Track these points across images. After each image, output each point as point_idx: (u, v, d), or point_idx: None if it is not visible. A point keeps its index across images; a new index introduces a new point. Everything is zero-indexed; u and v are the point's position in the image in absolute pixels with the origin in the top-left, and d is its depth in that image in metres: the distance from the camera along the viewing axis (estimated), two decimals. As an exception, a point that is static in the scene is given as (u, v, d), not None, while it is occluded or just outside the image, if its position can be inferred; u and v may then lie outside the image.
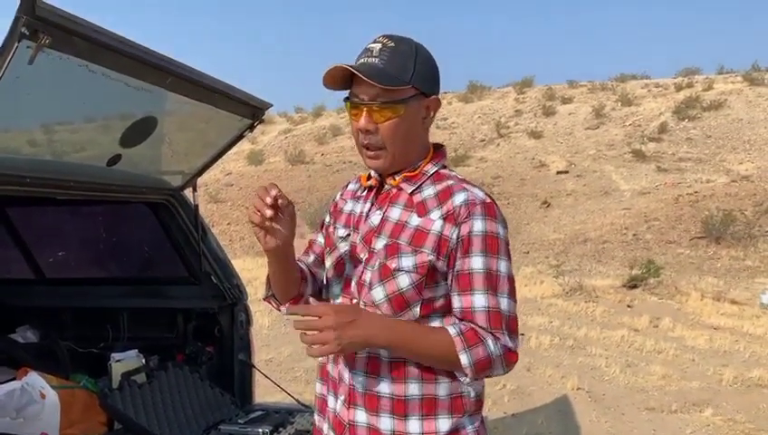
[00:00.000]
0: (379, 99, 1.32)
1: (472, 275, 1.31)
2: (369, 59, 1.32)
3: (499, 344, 1.30)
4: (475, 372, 1.29)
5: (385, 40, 1.35)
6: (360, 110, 1.35)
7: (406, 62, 1.33)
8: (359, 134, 1.38)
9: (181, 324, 3.20)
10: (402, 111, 1.34)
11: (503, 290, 1.33)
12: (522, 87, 45.23)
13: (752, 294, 11.03)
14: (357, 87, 1.34)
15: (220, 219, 25.74)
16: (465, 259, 1.32)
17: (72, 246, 3.58)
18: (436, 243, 1.32)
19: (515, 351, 1.33)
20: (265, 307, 9.14)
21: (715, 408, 5.35)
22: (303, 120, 48.76)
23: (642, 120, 34.38)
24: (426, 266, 1.32)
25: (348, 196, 1.58)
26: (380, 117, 1.34)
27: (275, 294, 1.54)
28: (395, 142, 1.37)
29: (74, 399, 2.56)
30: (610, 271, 13.63)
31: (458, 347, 1.28)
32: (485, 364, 1.29)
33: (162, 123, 2.46)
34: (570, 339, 7.68)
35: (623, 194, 24.74)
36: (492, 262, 1.32)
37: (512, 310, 1.33)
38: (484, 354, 1.28)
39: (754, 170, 25.85)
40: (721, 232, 17.09)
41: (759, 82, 36.99)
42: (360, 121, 1.35)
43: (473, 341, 1.29)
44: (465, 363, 1.28)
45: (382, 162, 1.39)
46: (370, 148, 1.37)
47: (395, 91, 1.32)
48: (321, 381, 1.52)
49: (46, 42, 1.58)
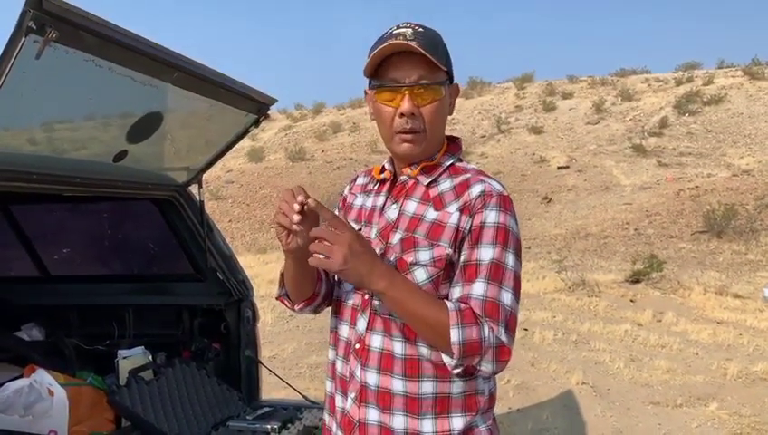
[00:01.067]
0: (422, 81, 1.30)
1: (479, 266, 1.27)
2: (407, 41, 1.27)
3: (493, 335, 1.24)
4: (462, 352, 1.22)
5: (413, 25, 1.32)
6: (399, 93, 1.31)
7: (438, 45, 1.32)
8: (395, 119, 1.33)
9: (187, 321, 3.20)
10: (443, 93, 1.34)
11: (507, 283, 1.28)
12: (522, 82, 45.23)
13: (754, 288, 11.00)
14: (394, 70, 1.31)
15: (221, 217, 25.73)
16: (473, 249, 1.29)
17: (77, 243, 3.57)
18: (453, 235, 1.30)
19: (509, 348, 1.26)
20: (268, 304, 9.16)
21: (720, 402, 5.34)
22: (303, 116, 48.77)
23: (643, 115, 34.33)
24: (443, 260, 1.29)
25: (357, 190, 1.55)
26: (423, 100, 1.31)
27: (290, 293, 1.51)
28: (435, 126, 1.35)
29: (81, 396, 2.55)
30: (612, 266, 13.59)
31: (452, 321, 1.22)
32: (475, 348, 1.22)
33: (168, 119, 2.45)
34: (573, 334, 7.67)
35: (624, 189, 24.70)
36: (500, 253, 1.28)
37: (513, 306, 1.28)
38: (476, 337, 1.22)
39: (755, 164, 25.82)
40: (722, 226, 17.05)
41: (759, 77, 36.91)
42: (404, 105, 1.30)
43: (468, 320, 1.23)
44: (455, 340, 1.21)
45: (417, 147, 1.35)
46: (409, 132, 1.33)
47: (437, 72, 1.31)
48: (330, 379, 1.49)
49: (53, 36, 1.58)
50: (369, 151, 33.35)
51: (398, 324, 1.33)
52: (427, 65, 1.29)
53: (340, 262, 1.19)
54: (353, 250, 1.20)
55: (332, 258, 1.19)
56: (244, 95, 2.56)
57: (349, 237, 1.20)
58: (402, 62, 1.29)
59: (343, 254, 1.19)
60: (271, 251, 18.46)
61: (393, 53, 1.30)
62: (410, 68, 1.29)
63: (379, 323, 1.35)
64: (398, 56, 1.30)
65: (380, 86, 1.33)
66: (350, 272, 1.21)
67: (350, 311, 1.42)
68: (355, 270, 1.21)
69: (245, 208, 27.28)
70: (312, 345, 7.07)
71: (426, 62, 1.28)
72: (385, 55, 1.30)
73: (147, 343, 3.01)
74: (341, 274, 1.23)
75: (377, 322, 1.36)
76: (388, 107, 1.34)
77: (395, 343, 1.33)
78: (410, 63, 1.28)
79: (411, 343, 1.32)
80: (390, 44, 1.28)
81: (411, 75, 1.30)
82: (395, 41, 1.27)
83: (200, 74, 2.24)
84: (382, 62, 1.32)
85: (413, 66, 1.28)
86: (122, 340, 3.19)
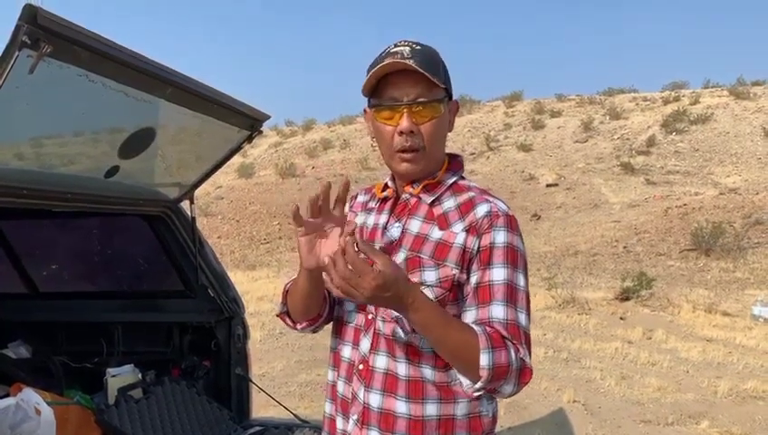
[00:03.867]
0: (420, 98, 1.29)
1: (492, 287, 1.27)
2: (404, 60, 1.27)
3: (518, 356, 1.23)
4: (491, 376, 1.20)
5: (410, 43, 1.32)
6: (398, 112, 1.31)
7: (436, 63, 1.32)
8: (394, 137, 1.32)
9: (177, 338, 3.16)
10: (442, 110, 1.33)
11: (521, 305, 1.28)
12: (511, 101, 45.55)
13: (743, 306, 11.05)
14: (393, 89, 1.30)
15: (210, 233, 25.58)
16: (485, 271, 1.28)
17: (67, 259, 3.53)
18: (460, 256, 1.29)
19: (531, 369, 1.25)
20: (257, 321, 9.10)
21: (711, 420, 5.34)
22: (294, 133, 48.78)
23: (630, 134, 34.62)
24: (450, 281, 1.28)
25: (358, 208, 1.53)
26: (422, 117, 1.31)
27: (293, 311, 1.49)
28: (434, 144, 1.34)
29: (69, 415, 2.51)
30: (602, 283, 13.63)
31: (482, 345, 1.19)
32: (503, 372, 1.21)
33: (160, 134, 2.44)
34: (564, 351, 7.66)
35: (612, 207, 24.84)
36: (512, 275, 1.28)
37: (528, 326, 1.28)
38: (505, 360, 1.21)
39: (742, 183, 26.07)
40: (710, 244, 17.17)
41: (744, 96, 37.39)
42: (403, 123, 1.30)
43: (498, 344, 1.21)
44: (485, 364, 1.19)
45: (417, 166, 1.35)
46: (409, 151, 1.33)
47: (435, 89, 1.30)
48: (330, 400, 1.46)
49: (47, 51, 1.56)
50: (360, 168, 33.37)
51: (401, 346, 1.31)
52: (425, 83, 1.28)
53: (364, 300, 1.15)
54: (382, 289, 1.13)
55: (357, 295, 1.14)
56: (238, 111, 2.55)
57: (378, 278, 1.12)
58: (400, 80, 1.29)
59: (369, 293, 1.13)
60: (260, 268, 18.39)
61: (393, 72, 1.29)
62: (408, 86, 1.29)
63: (384, 344, 1.33)
64: (396, 75, 1.29)
65: (379, 105, 1.33)
66: (375, 304, 1.21)
67: (353, 331, 1.40)
68: (382, 304, 1.20)
69: (235, 225, 27.16)
70: (301, 363, 7.01)
71: (424, 80, 1.28)
72: (383, 74, 1.30)
73: (136, 361, 2.98)
74: (369, 302, 1.20)
75: (381, 342, 1.34)
76: (387, 126, 1.33)
77: (398, 364, 1.31)
78: (408, 82, 1.28)
79: (415, 364, 1.30)
80: (388, 63, 1.27)
81: (409, 93, 1.29)
82: (392, 59, 1.27)
83: (194, 90, 2.23)
84: (380, 80, 1.31)
85: (411, 84, 1.28)
86: (111, 357, 3.15)
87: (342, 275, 1.13)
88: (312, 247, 1.32)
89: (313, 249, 1.32)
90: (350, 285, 1.13)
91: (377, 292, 1.13)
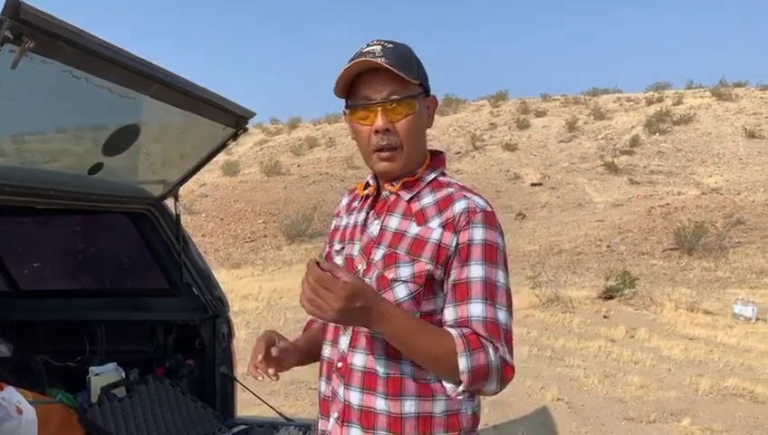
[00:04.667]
0: (393, 96, 1.30)
1: (470, 284, 1.27)
2: (376, 59, 1.28)
3: (498, 355, 1.24)
4: (471, 379, 1.22)
5: (382, 42, 1.33)
6: (372, 111, 1.32)
7: (409, 60, 1.33)
8: (371, 137, 1.34)
9: (161, 337, 3.14)
10: (416, 107, 1.33)
11: (501, 302, 1.28)
12: (496, 100, 45.66)
13: (724, 305, 11.18)
14: (366, 88, 1.31)
15: (195, 231, 25.39)
16: (463, 268, 1.28)
17: (49, 257, 3.49)
18: (435, 251, 1.29)
19: (512, 366, 1.26)
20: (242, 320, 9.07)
21: (693, 417, 5.40)
22: (279, 131, 48.58)
23: (614, 134, 34.86)
24: (424, 276, 1.28)
25: (343, 211, 1.55)
26: (396, 115, 1.32)
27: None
28: (411, 141, 1.35)
29: (51, 414, 2.48)
30: (586, 282, 13.71)
31: (459, 349, 1.21)
32: (483, 373, 1.22)
33: (145, 131, 2.42)
34: (548, 350, 7.71)
35: (596, 206, 25.01)
36: (491, 271, 1.28)
37: (509, 323, 1.28)
38: (484, 362, 1.22)
39: (723, 183, 26.36)
40: (693, 243, 17.34)
41: (726, 98, 37.78)
42: (378, 122, 1.31)
43: (475, 345, 1.22)
44: (464, 368, 1.21)
45: (396, 164, 1.36)
46: (386, 149, 1.34)
47: (409, 86, 1.31)
48: (318, 403, 1.48)
49: (30, 46, 1.54)
50: (345, 166, 33.32)
51: (380, 342, 1.30)
52: (398, 80, 1.29)
53: (334, 314, 1.15)
54: (350, 299, 1.14)
55: (327, 308, 1.14)
56: (223, 108, 2.54)
57: (345, 292, 1.13)
58: (373, 79, 1.30)
59: (339, 305, 1.13)
60: (245, 266, 18.30)
61: (365, 72, 1.30)
62: (381, 84, 1.30)
63: (362, 342, 1.33)
64: (369, 74, 1.31)
65: (354, 105, 1.34)
66: (345, 321, 1.19)
67: (333, 330, 1.42)
68: (351, 319, 1.19)
69: (219, 223, 26.98)
70: (286, 361, 6.98)
71: (396, 78, 1.29)
72: (353, 74, 1.31)
73: (120, 360, 2.95)
74: (336, 322, 1.21)
75: (359, 340, 1.34)
76: (363, 126, 1.34)
77: (377, 361, 1.31)
78: (380, 80, 1.29)
79: (394, 361, 1.30)
80: (357, 63, 1.29)
81: (382, 92, 1.30)
82: (363, 59, 1.28)
83: (179, 87, 2.22)
84: (354, 81, 1.32)
85: (383, 83, 1.29)
86: (94, 356, 3.12)
87: (312, 287, 1.14)
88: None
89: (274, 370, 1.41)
90: (319, 297, 1.14)
91: (347, 303, 1.13)
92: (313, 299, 1.14)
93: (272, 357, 1.40)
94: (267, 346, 1.40)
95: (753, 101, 37.18)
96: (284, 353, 1.43)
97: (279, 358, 1.42)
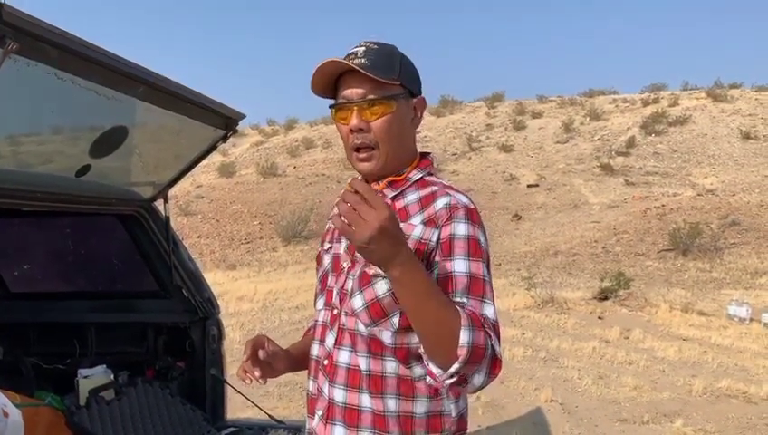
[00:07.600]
0: (369, 96, 1.31)
1: (455, 278, 1.24)
2: (356, 60, 1.31)
3: (491, 343, 1.19)
4: (468, 355, 1.14)
5: (368, 43, 1.35)
6: (349, 111, 1.33)
7: (392, 61, 1.34)
8: (349, 137, 1.35)
9: (151, 339, 3.13)
10: (394, 106, 1.33)
11: (486, 296, 1.26)
12: (492, 102, 45.79)
13: (718, 306, 11.22)
14: (345, 88, 1.33)
15: (191, 232, 25.40)
16: (446, 262, 1.26)
17: (38, 259, 3.48)
18: (415, 247, 1.27)
19: (501, 360, 1.22)
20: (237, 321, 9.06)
21: (686, 418, 5.41)
22: (276, 132, 48.62)
23: (610, 135, 34.96)
24: None
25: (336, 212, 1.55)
26: (372, 114, 1.33)
27: None
28: (388, 141, 1.34)
29: (39, 417, 2.47)
30: (581, 283, 13.75)
31: (463, 321, 1.15)
32: (479, 354, 1.16)
33: (133, 133, 2.41)
34: (542, 351, 7.72)
35: (592, 207, 25.06)
36: (476, 266, 1.26)
37: (496, 318, 1.26)
38: (482, 342, 1.17)
39: (719, 184, 26.45)
40: (688, 245, 17.41)
41: (722, 99, 37.94)
42: (352, 121, 1.33)
43: (477, 323, 1.18)
44: (465, 341, 1.14)
45: (375, 164, 1.36)
46: (362, 148, 1.35)
47: (386, 86, 1.31)
48: (307, 402, 1.47)
49: (14, 48, 1.54)
50: (342, 168, 33.32)
51: (364, 339, 1.30)
52: (375, 81, 1.30)
53: (365, 239, 1.10)
54: (382, 231, 1.09)
55: (364, 226, 1.09)
56: (212, 110, 2.53)
57: (382, 217, 1.09)
58: (350, 79, 1.32)
59: (370, 232, 1.09)
60: (240, 268, 18.30)
61: (346, 72, 1.33)
62: (357, 85, 1.31)
63: (347, 339, 1.33)
64: (347, 75, 1.33)
65: (335, 105, 1.36)
66: (369, 251, 1.13)
67: (321, 328, 1.42)
68: (376, 252, 1.13)
69: (215, 224, 26.97)
70: (280, 363, 6.98)
71: (372, 79, 1.30)
72: (334, 74, 1.34)
73: (109, 362, 2.93)
74: (360, 250, 1.15)
75: (345, 337, 1.34)
76: (343, 125, 1.36)
77: (360, 358, 1.31)
78: (357, 80, 1.31)
79: (377, 358, 1.30)
80: (327, 63, 1.31)
81: (359, 91, 1.32)
82: (336, 59, 1.31)
83: (166, 89, 2.21)
84: (337, 82, 1.35)
85: (360, 83, 1.31)
86: (84, 358, 3.11)
87: (353, 200, 1.10)
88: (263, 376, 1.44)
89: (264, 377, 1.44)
90: (359, 213, 1.09)
91: (387, 223, 1.09)
92: (351, 213, 1.10)
93: (259, 360, 1.41)
94: (255, 349, 1.42)
95: (749, 102, 37.34)
96: (273, 358, 1.44)
97: (267, 362, 1.42)
